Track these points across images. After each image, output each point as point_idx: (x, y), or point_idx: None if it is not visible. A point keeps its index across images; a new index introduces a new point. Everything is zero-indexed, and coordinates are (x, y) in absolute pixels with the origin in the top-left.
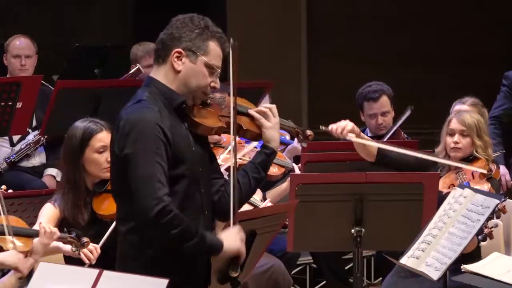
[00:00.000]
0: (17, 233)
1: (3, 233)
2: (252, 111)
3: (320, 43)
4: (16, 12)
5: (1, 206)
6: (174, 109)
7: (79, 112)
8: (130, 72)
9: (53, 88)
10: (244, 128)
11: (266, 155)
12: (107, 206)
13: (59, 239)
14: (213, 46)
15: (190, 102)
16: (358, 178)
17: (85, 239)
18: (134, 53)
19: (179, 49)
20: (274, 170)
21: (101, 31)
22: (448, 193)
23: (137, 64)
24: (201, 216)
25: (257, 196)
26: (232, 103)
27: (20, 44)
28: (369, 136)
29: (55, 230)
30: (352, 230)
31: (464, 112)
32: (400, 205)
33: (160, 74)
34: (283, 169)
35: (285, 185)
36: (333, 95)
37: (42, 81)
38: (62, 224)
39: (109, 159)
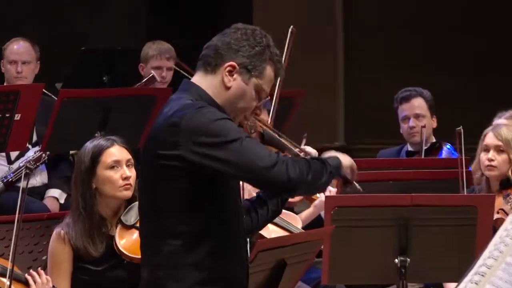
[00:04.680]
0: (16, 278)
1: (3, 275)
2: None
3: (358, 49)
4: (17, 13)
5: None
6: None
7: (86, 125)
8: (144, 80)
9: (56, 98)
10: None
11: None
12: (137, 247)
13: None
14: (269, 70)
15: None
16: (403, 201)
17: None
18: (145, 51)
19: (234, 63)
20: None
21: (110, 33)
22: (498, 219)
23: (152, 71)
24: (242, 224)
25: (298, 224)
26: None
27: (18, 48)
28: (408, 152)
29: (48, 280)
30: (396, 260)
31: (501, 125)
32: (451, 231)
33: (205, 83)
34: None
35: (310, 210)
36: (373, 106)
37: (44, 90)
38: (76, 258)
39: (125, 175)
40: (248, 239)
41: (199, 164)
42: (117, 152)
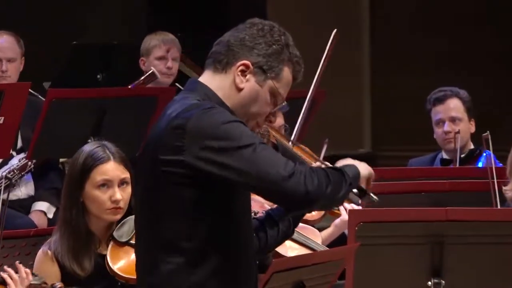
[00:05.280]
0: None
1: None
2: None
3: (385, 47)
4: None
5: None
6: None
7: (77, 130)
8: (143, 77)
9: (43, 99)
10: None
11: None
12: (130, 266)
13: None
14: (287, 72)
15: None
16: (437, 215)
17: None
18: (147, 42)
19: (248, 62)
20: (312, 213)
21: (106, 26)
22: None
23: (152, 68)
24: (252, 241)
25: (318, 239)
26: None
27: (1, 43)
28: (443, 160)
29: (27, 273)
30: (429, 283)
31: None
32: (492, 249)
33: (214, 83)
34: (322, 212)
35: (329, 231)
36: (403, 107)
37: (30, 89)
38: (64, 278)
39: (114, 197)
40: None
41: (205, 171)
42: (110, 169)
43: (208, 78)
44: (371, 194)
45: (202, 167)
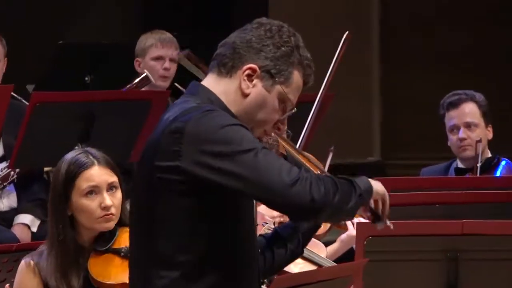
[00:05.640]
0: None
1: None
2: None
3: (396, 46)
4: None
5: None
6: None
7: (64, 137)
8: (135, 81)
9: (27, 103)
10: None
11: (313, 228)
12: (113, 272)
13: None
14: (297, 77)
15: None
16: (452, 228)
17: None
18: (142, 41)
19: (254, 66)
20: None
21: (95, 25)
22: None
23: (145, 71)
24: (256, 255)
25: (322, 253)
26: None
27: None
28: (458, 169)
29: None
30: None
31: None
32: None
33: (218, 88)
34: (328, 225)
35: (335, 246)
36: (415, 112)
37: (12, 93)
38: None
39: (104, 204)
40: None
41: (202, 178)
42: (96, 174)
43: (211, 82)
44: (387, 220)
45: (199, 173)
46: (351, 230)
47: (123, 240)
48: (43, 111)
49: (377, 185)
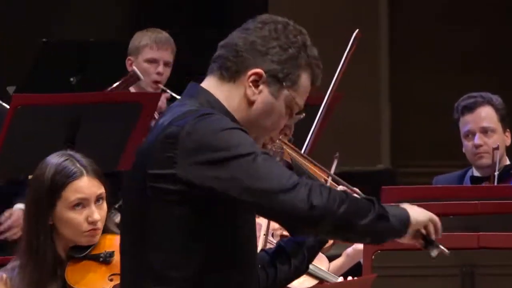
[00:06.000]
0: None
1: None
2: None
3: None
4: None
5: None
6: None
7: (47, 142)
8: (122, 79)
9: (7, 106)
10: None
11: (320, 243)
12: (92, 279)
13: None
14: (305, 79)
15: None
16: (467, 241)
17: None
18: (137, 40)
19: (260, 71)
20: None
21: (82, 21)
22: None
23: (134, 68)
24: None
25: (323, 265)
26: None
27: None
28: (474, 177)
29: None
30: None
31: None
32: None
33: (220, 93)
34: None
35: (340, 261)
36: (427, 117)
37: None
38: None
39: (92, 218)
40: None
41: (198, 186)
42: (85, 186)
43: (212, 85)
44: (440, 246)
45: (195, 181)
46: (357, 244)
47: (102, 245)
48: (25, 114)
49: (418, 213)
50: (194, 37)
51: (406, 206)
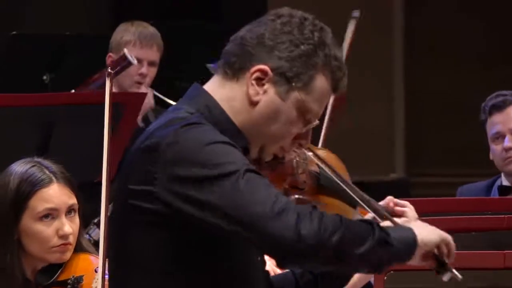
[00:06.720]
0: None
1: None
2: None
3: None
4: None
5: None
6: None
7: (18, 148)
8: (95, 76)
9: None
10: None
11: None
12: None
13: None
14: (321, 82)
15: (254, 154)
16: (493, 261)
17: None
18: (119, 34)
19: (265, 67)
20: None
21: (56, 13)
22: None
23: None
24: None
25: None
26: None
27: None
28: (503, 187)
29: None
30: None
31: None
32: None
33: (221, 93)
34: None
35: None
36: (447, 119)
37: None
38: None
39: (62, 231)
40: None
41: (175, 208)
42: (54, 195)
43: (214, 86)
44: (453, 270)
45: (172, 202)
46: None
47: (72, 268)
48: None
49: (427, 231)
50: (178, 28)
51: (414, 225)
